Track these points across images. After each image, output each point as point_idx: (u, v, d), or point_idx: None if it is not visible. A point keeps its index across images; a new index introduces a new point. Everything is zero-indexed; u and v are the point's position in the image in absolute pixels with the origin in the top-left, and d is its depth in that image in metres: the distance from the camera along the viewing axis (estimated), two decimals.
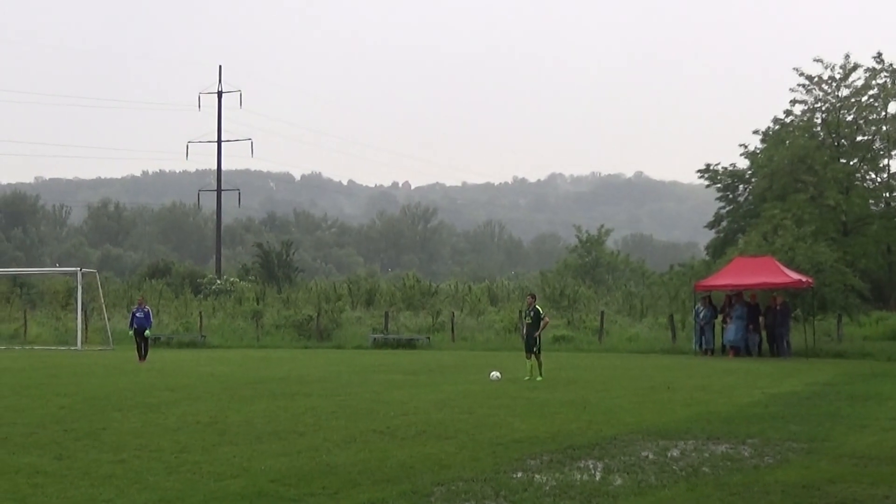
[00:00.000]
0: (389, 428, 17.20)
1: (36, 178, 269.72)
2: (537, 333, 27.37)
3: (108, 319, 49.60)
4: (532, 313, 27.62)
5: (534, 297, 28.64)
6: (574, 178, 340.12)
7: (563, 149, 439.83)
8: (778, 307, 37.60)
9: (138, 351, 35.72)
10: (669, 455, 14.35)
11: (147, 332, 36.35)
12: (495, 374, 27.19)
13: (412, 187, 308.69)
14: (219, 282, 78.56)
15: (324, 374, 29.81)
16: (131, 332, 36.55)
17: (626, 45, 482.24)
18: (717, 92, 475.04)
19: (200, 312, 55.77)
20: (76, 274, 50.61)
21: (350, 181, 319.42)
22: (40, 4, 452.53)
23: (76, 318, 48.23)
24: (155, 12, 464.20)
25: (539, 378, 26.78)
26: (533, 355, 27.22)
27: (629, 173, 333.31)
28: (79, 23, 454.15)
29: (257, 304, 58.75)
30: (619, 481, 12.47)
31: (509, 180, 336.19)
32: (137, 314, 36.50)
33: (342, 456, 14.23)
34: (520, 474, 12.87)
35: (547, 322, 28.57)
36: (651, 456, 14.28)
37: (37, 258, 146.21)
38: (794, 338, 38.72)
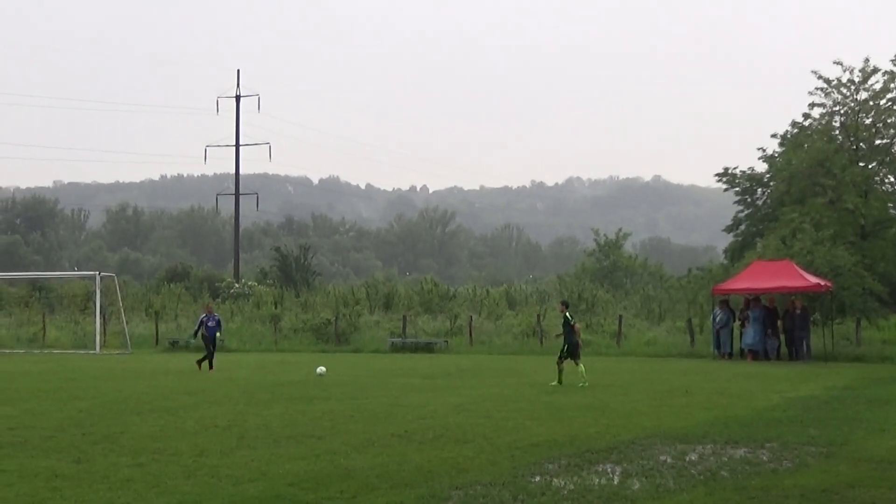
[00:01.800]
0: (407, 432, 17.19)
1: (55, 182, 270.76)
2: (577, 340, 27.44)
3: (127, 323, 49.71)
4: (562, 321, 27.67)
5: (565, 304, 28.55)
6: (592, 182, 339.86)
7: (581, 152, 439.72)
8: (798, 311, 37.47)
9: (210, 359, 34.45)
10: (688, 459, 14.31)
11: (218, 335, 35.39)
12: (321, 368, 27.68)
13: (430, 191, 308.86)
14: (237, 286, 78.69)
15: (341, 377, 29.83)
16: (192, 339, 35.81)
17: (644, 49, 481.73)
18: (736, 95, 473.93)
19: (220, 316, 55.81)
20: (95, 278, 50.76)
21: (368, 185, 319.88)
22: (58, 8, 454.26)
23: (95, 322, 48.35)
24: (173, 16, 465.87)
25: (583, 384, 26.67)
26: (570, 361, 27.09)
27: (647, 177, 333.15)
28: (98, 27, 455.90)
29: (275, 307, 58.84)
30: (637, 485, 12.43)
31: (527, 184, 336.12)
32: (209, 323, 35.22)
33: (360, 460, 14.23)
34: (538, 478, 12.85)
35: (577, 328, 28.35)
36: (669, 460, 14.24)
37: (56, 262, 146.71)
38: (812, 342, 38.58)
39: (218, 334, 35.40)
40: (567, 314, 27.68)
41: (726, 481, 12.64)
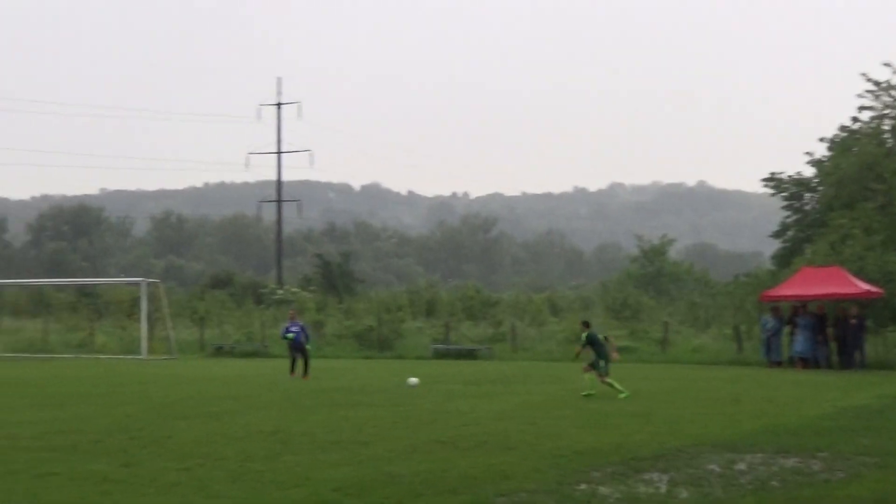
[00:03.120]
0: (451, 438, 17.13)
1: (101, 189, 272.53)
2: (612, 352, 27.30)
3: (172, 329, 49.96)
4: (583, 340, 27.33)
5: (585, 324, 28.23)
6: (635, 188, 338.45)
7: (624, 158, 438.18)
8: (853, 319, 36.83)
9: (292, 365, 33.72)
10: (736, 468, 14.14)
11: (308, 346, 34.23)
12: (413, 380, 27.22)
13: (471, 197, 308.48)
14: (280, 292, 78.87)
15: (385, 384, 29.81)
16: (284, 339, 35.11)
17: (686, 52, 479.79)
18: (782, 99, 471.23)
19: (262, 322, 55.99)
20: (140, 284, 51.04)
21: (409, 192, 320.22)
22: (104, 19, 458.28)
23: (141, 328, 48.63)
24: (215, 25, 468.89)
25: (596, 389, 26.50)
26: (598, 373, 26.85)
27: (691, 182, 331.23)
28: (143, 37, 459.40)
29: (318, 314, 58.90)
30: (684, 494, 12.30)
31: (569, 189, 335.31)
32: (293, 328, 34.09)
33: (404, 466, 14.18)
34: (583, 486, 12.74)
35: (611, 340, 28.07)
36: (717, 469, 14.08)
37: (102, 268, 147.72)
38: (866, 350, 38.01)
39: (305, 338, 34.11)
40: (586, 334, 27.33)
41: (776, 491, 12.48)
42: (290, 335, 33.94)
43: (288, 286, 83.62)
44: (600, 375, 26.41)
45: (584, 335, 27.25)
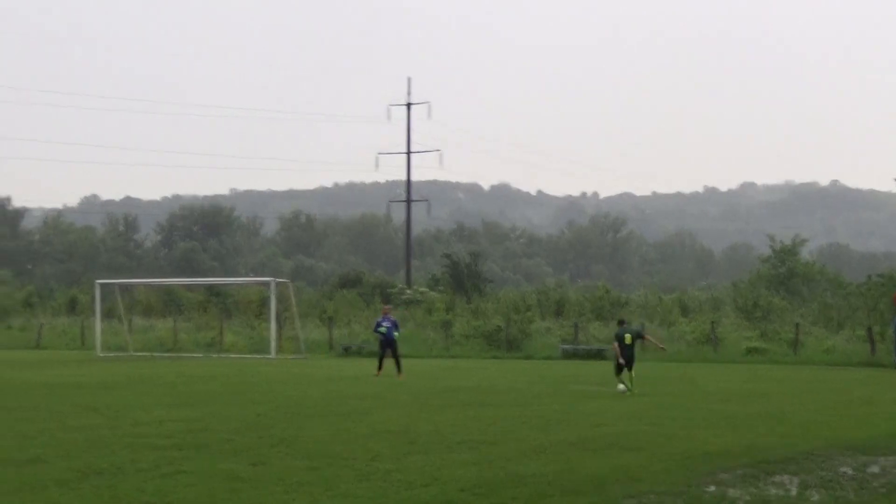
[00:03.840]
0: (579, 439, 17.07)
1: (231, 190, 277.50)
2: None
3: (301, 329, 50.52)
4: (618, 337, 27.70)
5: (620, 322, 28.94)
6: (767, 187, 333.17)
7: (756, 157, 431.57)
8: None
9: (380, 363, 34.18)
10: (869, 471, 13.86)
11: (396, 334, 34.61)
12: (621, 386, 27.02)
13: (601, 197, 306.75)
14: (409, 292, 79.34)
15: (513, 384, 29.81)
16: (376, 334, 35.51)
17: (820, 50, 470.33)
18: None
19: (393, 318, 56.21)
20: (270, 284, 51.65)
21: (539, 191, 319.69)
22: (232, 21, 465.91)
23: (270, 328, 49.23)
24: (346, 26, 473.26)
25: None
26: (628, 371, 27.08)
27: (824, 182, 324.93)
28: (272, 39, 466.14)
29: (447, 314, 59.09)
30: (816, 497, 12.10)
31: (700, 189, 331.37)
32: (384, 323, 34.58)
33: (532, 466, 14.17)
34: (712, 488, 12.61)
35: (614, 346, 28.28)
36: (850, 472, 13.81)
37: (232, 268, 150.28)
38: None
39: (395, 333, 34.68)
40: (616, 331, 28.08)
41: None
42: (383, 329, 34.34)
43: (416, 286, 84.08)
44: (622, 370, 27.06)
45: (619, 332, 27.89)
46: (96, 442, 16.66)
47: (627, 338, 27.51)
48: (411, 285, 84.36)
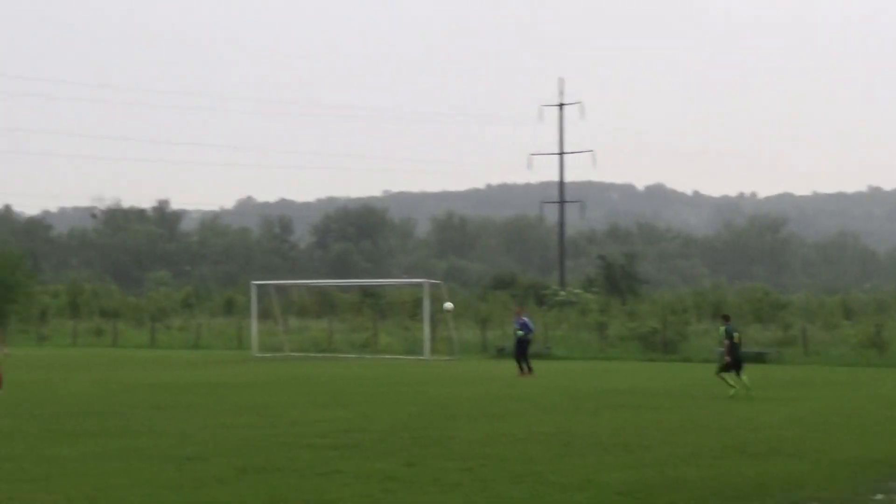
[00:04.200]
0: (739, 444, 16.65)
1: (384, 191, 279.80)
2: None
3: (454, 330, 50.65)
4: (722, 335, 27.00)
5: (725, 317, 28.38)
6: None
7: None
8: None
9: (520, 363, 34.32)
10: None
11: (519, 333, 34.92)
12: (448, 304, 26.46)
13: (759, 197, 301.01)
14: (562, 293, 79.06)
15: (669, 387, 29.37)
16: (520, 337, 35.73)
17: None
18: None
19: (545, 324, 56.10)
20: (423, 285, 51.87)
21: (695, 192, 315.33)
22: (385, 22, 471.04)
23: (423, 329, 49.44)
24: (497, 26, 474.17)
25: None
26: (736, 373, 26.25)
27: None
28: (424, 38, 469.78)
29: (601, 315, 58.66)
30: None
31: (864, 189, 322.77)
32: (516, 325, 35.13)
33: (689, 471, 13.86)
34: (880, 496, 12.16)
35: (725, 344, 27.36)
36: None
37: (385, 269, 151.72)
38: None
39: (519, 332, 34.97)
40: (724, 327, 27.01)
41: None
42: (521, 333, 34.69)
43: (570, 287, 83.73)
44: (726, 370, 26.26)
45: (722, 329, 27.26)
46: (254, 440, 16.87)
47: (737, 336, 26.88)
48: (565, 287, 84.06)
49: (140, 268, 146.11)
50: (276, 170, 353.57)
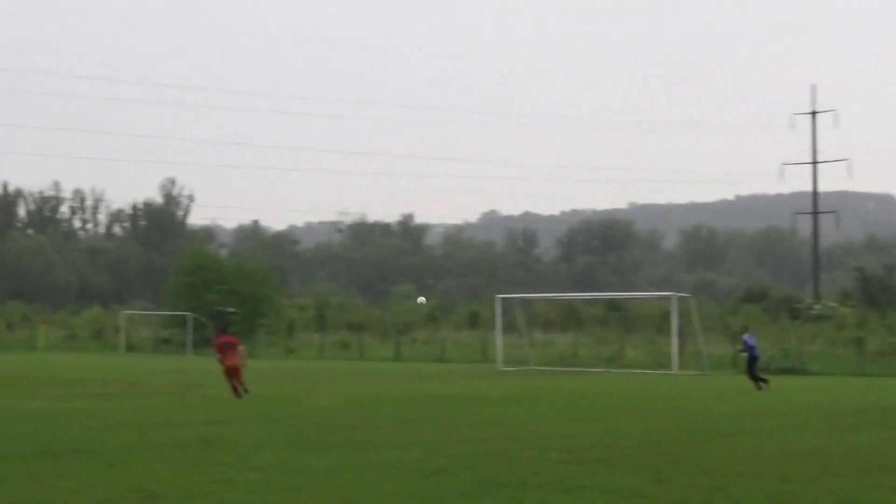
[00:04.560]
0: None
1: (629, 203, 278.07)
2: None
3: (704, 344, 49.66)
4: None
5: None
6: None
7: None
8: None
9: (754, 378, 33.99)
10: None
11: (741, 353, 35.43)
12: (421, 299, 25.52)
13: None
14: (817, 307, 76.79)
15: None
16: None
17: None
18: None
19: (798, 338, 54.51)
20: (671, 298, 51.24)
21: None
22: (634, 35, 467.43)
23: (671, 343, 48.74)
24: (747, 34, 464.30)
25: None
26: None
27: None
28: (670, 47, 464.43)
29: (859, 330, 56.60)
30: None
31: None
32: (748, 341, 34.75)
33: None
34: None
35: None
36: None
37: (631, 282, 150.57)
38: None
39: (743, 353, 35.11)
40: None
41: None
42: (745, 354, 34.61)
43: (825, 301, 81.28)
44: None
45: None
46: (498, 454, 16.71)
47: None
48: (819, 300, 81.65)
49: (385, 281, 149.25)
50: (521, 182, 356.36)
